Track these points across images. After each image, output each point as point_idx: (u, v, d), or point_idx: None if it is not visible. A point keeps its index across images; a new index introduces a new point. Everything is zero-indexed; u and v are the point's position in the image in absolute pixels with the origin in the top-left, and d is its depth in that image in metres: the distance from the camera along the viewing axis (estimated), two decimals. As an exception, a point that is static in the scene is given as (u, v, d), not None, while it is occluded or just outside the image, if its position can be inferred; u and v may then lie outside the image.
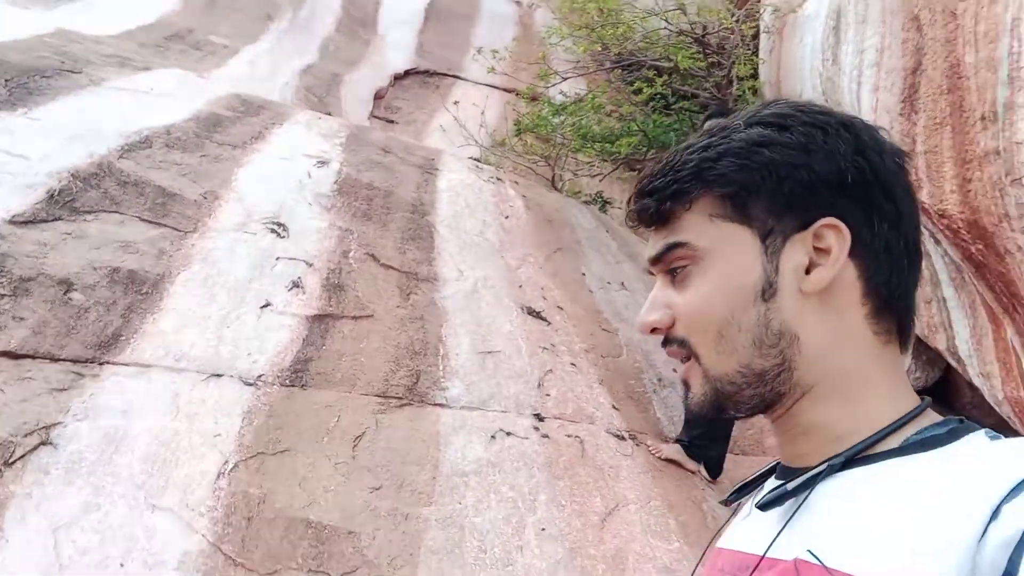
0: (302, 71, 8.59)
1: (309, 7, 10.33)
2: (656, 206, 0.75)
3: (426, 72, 10.67)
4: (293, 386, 3.12)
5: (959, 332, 4.78)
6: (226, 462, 2.66)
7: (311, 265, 3.89)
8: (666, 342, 0.76)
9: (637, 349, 4.52)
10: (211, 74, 7.12)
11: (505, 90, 10.34)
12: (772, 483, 0.78)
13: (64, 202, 3.59)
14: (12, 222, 3.36)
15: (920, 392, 0.76)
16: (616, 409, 3.80)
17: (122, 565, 2.19)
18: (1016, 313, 3.99)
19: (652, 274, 0.80)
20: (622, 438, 3.58)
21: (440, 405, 3.33)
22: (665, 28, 7.96)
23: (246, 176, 4.43)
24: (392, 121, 9.13)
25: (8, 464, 2.35)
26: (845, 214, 0.71)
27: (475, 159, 7.20)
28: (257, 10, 9.58)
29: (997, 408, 4.49)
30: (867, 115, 4.92)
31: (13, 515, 2.20)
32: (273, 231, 4.03)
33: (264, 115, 5.49)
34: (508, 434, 3.26)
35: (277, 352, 3.25)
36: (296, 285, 3.69)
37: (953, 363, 5.03)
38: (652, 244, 0.77)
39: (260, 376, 3.09)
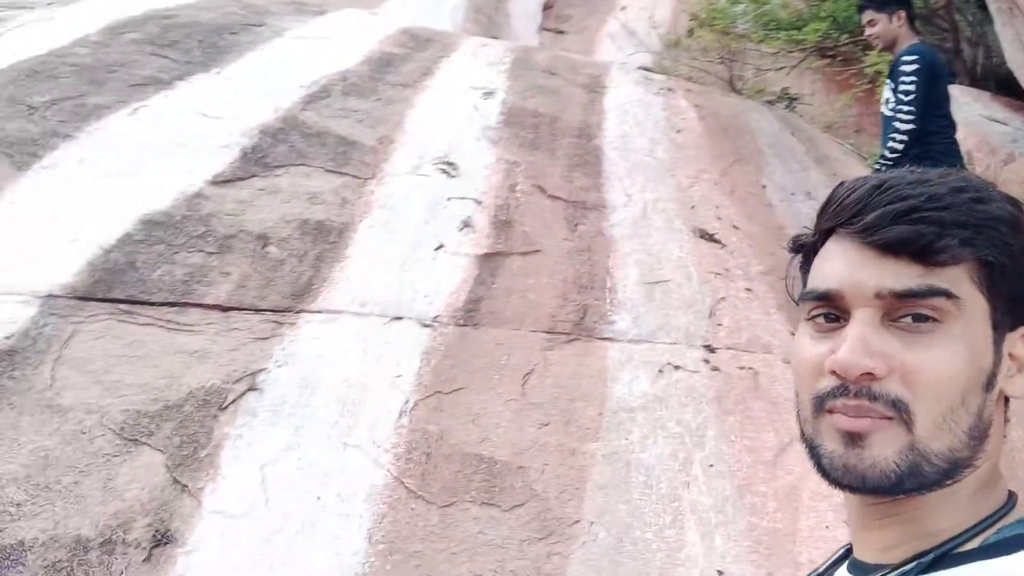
0: (470, -10, 8.62)
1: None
2: (935, 239, 0.66)
3: (596, -26, 10.31)
4: (466, 325, 3.29)
5: None
6: (407, 401, 2.89)
7: (480, 203, 4.01)
8: (863, 393, 0.67)
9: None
10: (382, 7, 7.33)
11: (679, -18, 9.80)
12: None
13: (257, 159, 3.93)
14: (214, 182, 3.74)
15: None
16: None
17: (318, 498, 2.48)
18: None
19: (826, 301, 0.71)
20: (799, 366, 3.46)
21: (607, 339, 3.39)
22: None
23: (417, 116, 4.59)
24: (562, 32, 8.98)
25: (223, 408, 2.70)
26: None
27: (646, 68, 6.96)
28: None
29: None
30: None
31: (227, 454, 2.55)
32: (444, 171, 4.18)
33: (432, 49, 5.61)
34: (676, 368, 3.27)
35: (451, 293, 3.43)
36: (467, 224, 3.83)
37: None
38: (897, 276, 0.67)
39: (436, 317, 3.29)
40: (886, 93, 3.65)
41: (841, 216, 0.71)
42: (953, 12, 7.28)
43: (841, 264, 0.70)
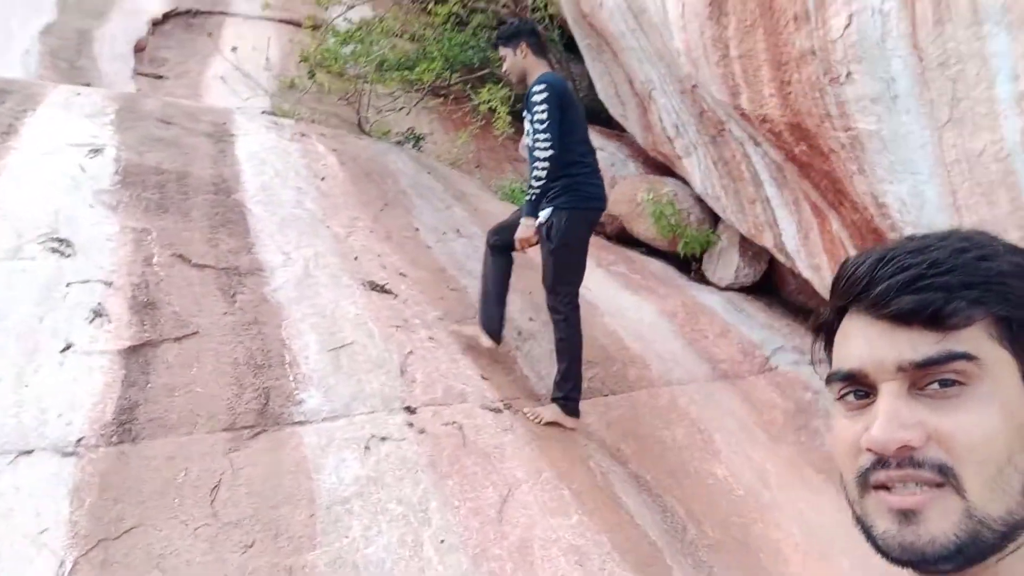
0: (42, 32, 7.38)
1: (32, -50, 8.84)
2: (943, 305, 0.66)
3: (188, 12, 9.54)
4: (123, 443, 2.66)
5: (785, 229, 4.97)
6: (62, 563, 2.21)
7: (110, 284, 3.32)
8: (905, 463, 0.65)
9: (489, 304, 4.33)
10: (-76, 51, 5.92)
11: (283, 22, 9.48)
12: None
13: None
14: None
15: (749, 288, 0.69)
16: (485, 379, 3.61)
17: None
18: (842, 207, 4.15)
19: (852, 380, 0.70)
20: (498, 411, 3.40)
21: (300, 423, 2.99)
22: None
23: (5, 185, 3.69)
24: (160, 76, 8.10)
25: None
26: None
27: (269, 112, 6.54)
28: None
29: (827, 297, 4.74)
30: (674, 22, 4.85)
31: None
32: (55, 250, 3.40)
33: (10, 101, 4.61)
34: (383, 439, 2.99)
35: (94, 404, 2.75)
36: (98, 314, 3.13)
37: (781, 258, 5.26)
38: (914, 346, 0.66)
39: (80, 440, 2.60)
40: (528, 125, 3.76)
41: (851, 293, 0.71)
42: (547, 50, 8.01)
43: (860, 342, 0.70)
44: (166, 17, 9.09)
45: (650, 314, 5.04)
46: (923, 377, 0.66)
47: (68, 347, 2.95)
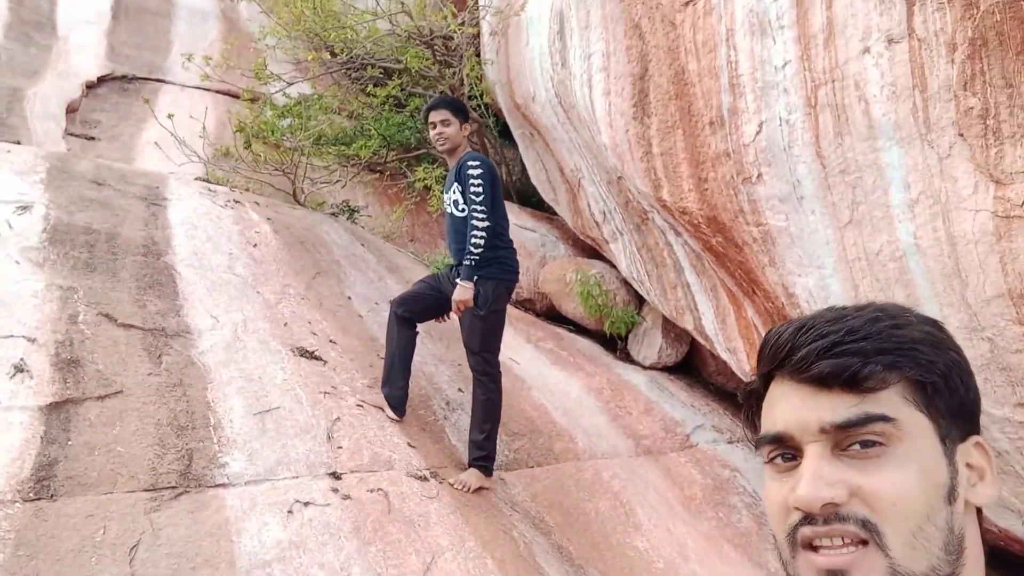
0: (-30, 88, 7.27)
1: (-34, 9, 8.79)
2: (860, 368, 0.70)
3: (124, 78, 9.54)
4: (40, 499, 2.58)
5: (704, 313, 5.21)
6: (-35, 623, 2.12)
7: (33, 340, 3.26)
8: (832, 518, 0.68)
9: (420, 374, 4.38)
10: None
11: (221, 93, 9.56)
12: None
13: None
14: None
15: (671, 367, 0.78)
16: (412, 447, 3.64)
17: None
18: (755, 296, 4.40)
19: (779, 443, 0.74)
20: (424, 479, 3.43)
21: (222, 485, 2.95)
22: (390, 31, 7.78)
23: (-76, 237, 3.61)
24: (92, 138, 8.05)
25: None
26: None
27: (203, 179, 6.56)
28: None
29: (744, 378, 4.96)
30: (602, 119, 5.15)
31: None
32: (-26, 304, 3.32)
33: (-66, 153, 4.53)
34: (306, 504, 2.97)
35: (12, 460, 2.68)
36: (19, 369, 3.07)
37: (701, 340, 5.49)
38: (834, 408, 0.71)
39: (-9, 497, 2.52)
40: (453, 196, 3.91)
41: (775, 360, 0.76)
42: (483, 136, 8.31)
43: (785, 406, 0.74)
44: (100, 80, 9.07)
45: (577, 389, 5.16)
46: (845, 438, 0.70)
47: (-15, 402, 2.87)
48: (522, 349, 5.46)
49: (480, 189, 3.75)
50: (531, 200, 8.22)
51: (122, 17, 10.63)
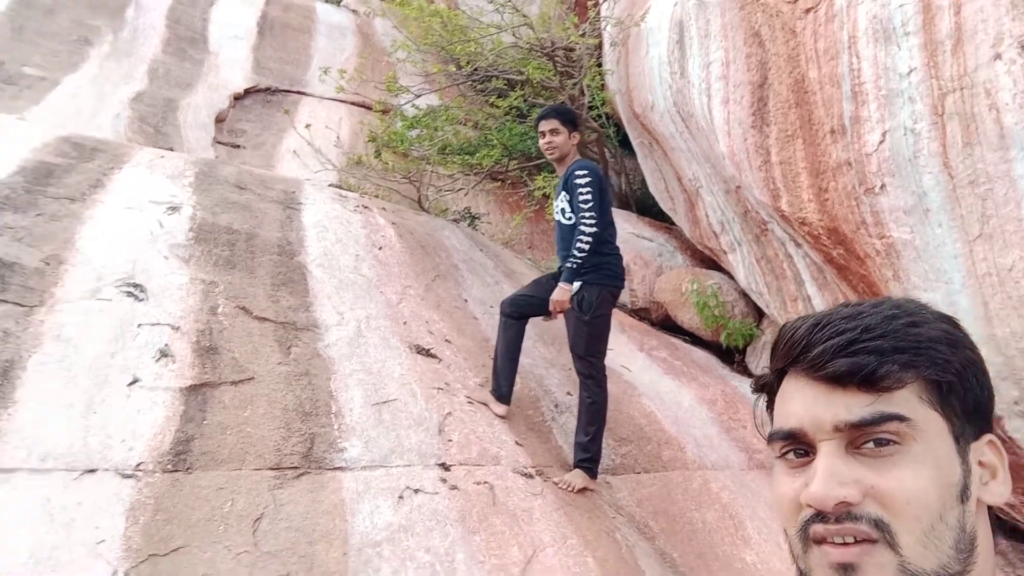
0: (133, 99, 7.98)
1: (131, 27, 9.63)
2: (876, 367, 0.70)
3: (268, 90, 10.19)
4: (177, 471, 2.84)
5: (824, 327, 5.04)
6: (115, 572, 2.37)
7: (177, 328, 3.57)
8: (844, 517, 0.69)
9: (530, 376, 4.48)
10: (31, 112, 6.47)
11: (355, 104, 10.06)
12: None
13: None
14: None
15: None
16: (519, 445, 3.73)
17: None
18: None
19: (792, 439, 0.74)
20: (530, 476, 3.51)
21: (340, 468, 3.14)
22: (513, 44, 7.97)
23: (90, 234, 4.02)
24: (238, 146, 8.65)
25: None
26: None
27: (336, 185, 6.93)
28: (72, 34, 8.82)
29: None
30: (720, 127, 5.09)
31: None
32: (130, 294, 3.68)
33: (100, 159, 5.03)
34: (416, 491, 3.12)
35: (154, 434, 2.95)
36: (164, 354, 3.37)
37: (820, 355, 5.30)
38: (849, 407, 0.70)
39: (139, 465, 2.79)
40: (561, 204, 3.98)
41: (790, 356, 0.76)
42: (603, 145, 8.37)
43: (799, 403, 0.74)
44: (247, 92, 9.73)
45: (689, 399, 5.12)
46: (859, 436, 0.70)
47: (135, 381, 3.18)
48: (634, 357, 5.46)
49: (588, 196, 3.81)
50: (650, 209, 8.20)
51: (267, 33, 11.36)
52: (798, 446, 0.74)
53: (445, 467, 3.35)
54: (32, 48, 8.12)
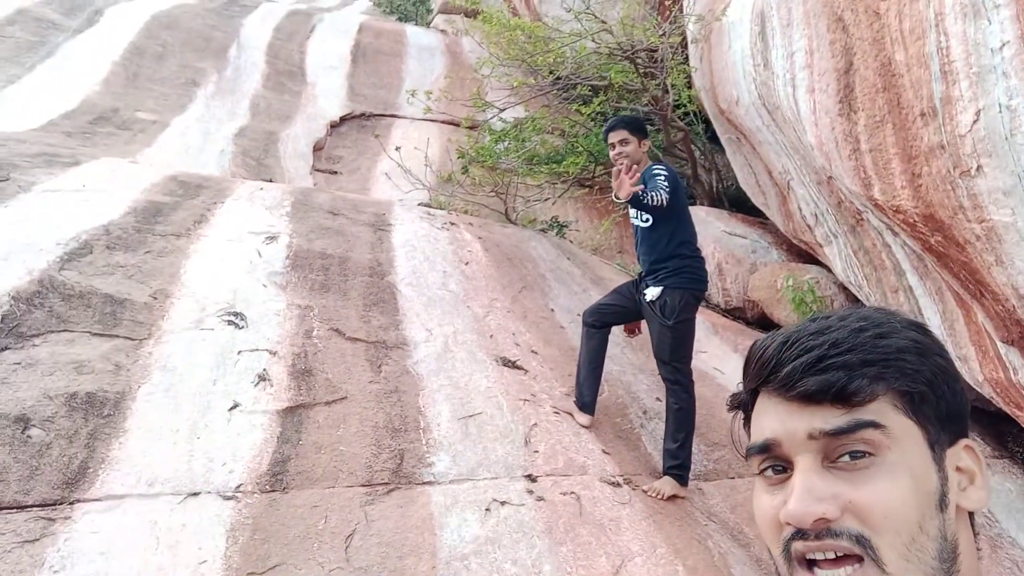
0: (236, 135, 8.45)
1: (233, 66, 10.20)
2: (847, 383, 0.70)
3: (362, 115, 10.57)
4: (274, 491, 3.00)
5: (930, 318, 4.81)
6: (216, 590, 2.53)
7: (275, 353, 3.77)
8: (824, 534, 0.68)
9: (618, 383, 4.47)
10: (143, 154, 6.96)
11: (445, 123, 10.29)
12: None
13: (9, 329, 3.43)
14: (-45, 360, 3.20)
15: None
16: (607, 454, 3.73)
17: None
18: (983, 298, 4.01)
19: (768, 452, 0.74)
20: (617, 485, 3.51)
21: (428, 483, 3.24)
22: (595, 50, 7.96)
23: (194, 267, 4.30)
24: (335, 172, 9.01)
25: (-17, 639, 2.20)
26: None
27: (425, 204, 7.12)
28: (181, 77, 9.42)
29: (978, 389, 4.52)
30: (806, 117, 4.95)
31: None
32: (231, 322, 3.91)
33: (204, 195, 5.36)
34: (503, 503, 3.18)
35: (253, 456, 3.13)
36: (262, 378, 3.57)
37: (927, 348, 5.05)
38: (825, 417, 0.70)
39: (239, 487, 2.97)
40: (634, 211, 3.98)
41: (761, 376, 0.76)
42: (690, 143, 8.25)
43: (773, 418, 0.74)
44: (343, 119, 10.13)
45: (785, 401, 4.97)
46: (835, 448, 0.70)
47: (235, 406, 3.38)
48: (728, 359, 5.36)
49: (665, 183, 3.79)
50: (743, 205, 8.01)
51: (360, 60, 11.78)
52: (776, 462, 0.74)
53: (531, 478, 3.39)
54: (144, 93, 8.72)
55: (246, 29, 11.27)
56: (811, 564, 0.69)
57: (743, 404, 0.82)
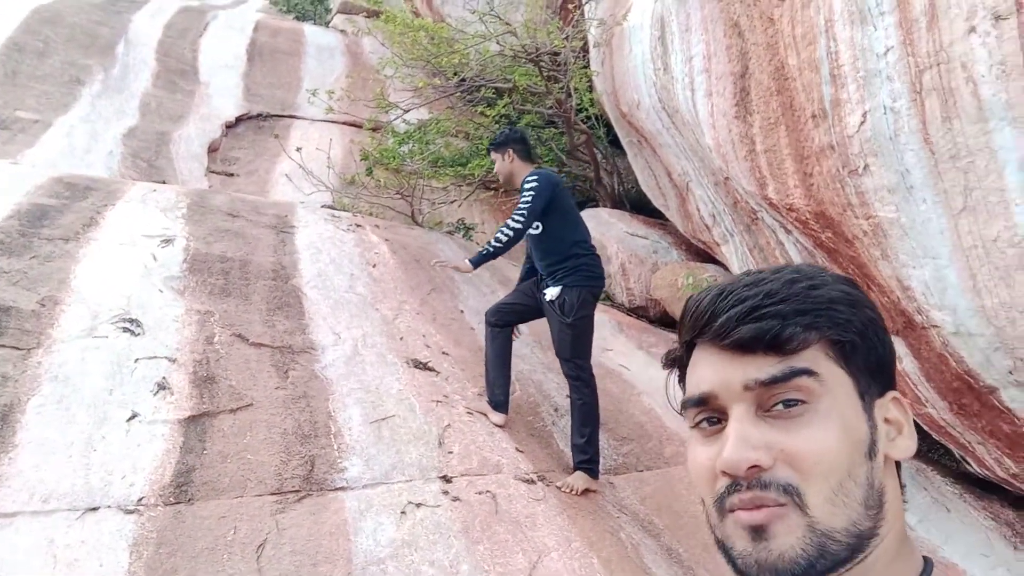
0: (125, 135, 8.06)
1: (121, 64, 9.73)
2: (780, 331, 0.71)
3: (259, 116, 10.26)
4: (179, 503, 2.87)
5: (821, 312, 5.05)
6: (118, 609, 2.40)
7: (174, 361, 3.61)
8: (754, 484, 0.69)
9: (529, 381, 4.50)
10: (24, 155, 6.55)
11: (346, 124, 10.12)
12: None
13: None
14: None
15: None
16: (520, 452, 3.75)
17: None
18: (870, 291, 4.25)
19: (704, 405, 0.74)
20: (532, 482, 3.53)
21: (341, 488, 3.17)
22: (499, 52, 8.00)
23: (85, 272, 4.07)
24: (232, 174, 8.71)
25: None
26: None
27: (329, 206, 6.98)
28: (64, 75, 8.91)
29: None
30: (704, 120, 5.12)
31: None
32: (126, 329, 3.72)
33: (93, 197, 5.08)
34: (418, 505, 3.14)
35: (154, 468, 2.98)
36: (162, 387, 3.41)
37: (818, 341, 5.31)
38: (760, 367, 0.71)
39: (140, 499, 2.83)
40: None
41: (696, 327, 0.76)
42: (593, 147, 8.39)
43: (708, 369, 0.75)
44: (239, 120, 9.81)
45: (689, 395, 5.12)
46: (769, 398, 0.71)
47: (134, 416, 3.22)
48: (633, 355, 5.48)
49: (528, 197, 3.92)
50: (645, 208, 8.21)
51: (257, 59, 11.44)
52: (710, 413, 0.75)
53: (446, 479, 3.37)
54: (24, 91, 8.21)
55: (135, 25, 10.77)
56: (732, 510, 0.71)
57: (678, 359, 0.83)
